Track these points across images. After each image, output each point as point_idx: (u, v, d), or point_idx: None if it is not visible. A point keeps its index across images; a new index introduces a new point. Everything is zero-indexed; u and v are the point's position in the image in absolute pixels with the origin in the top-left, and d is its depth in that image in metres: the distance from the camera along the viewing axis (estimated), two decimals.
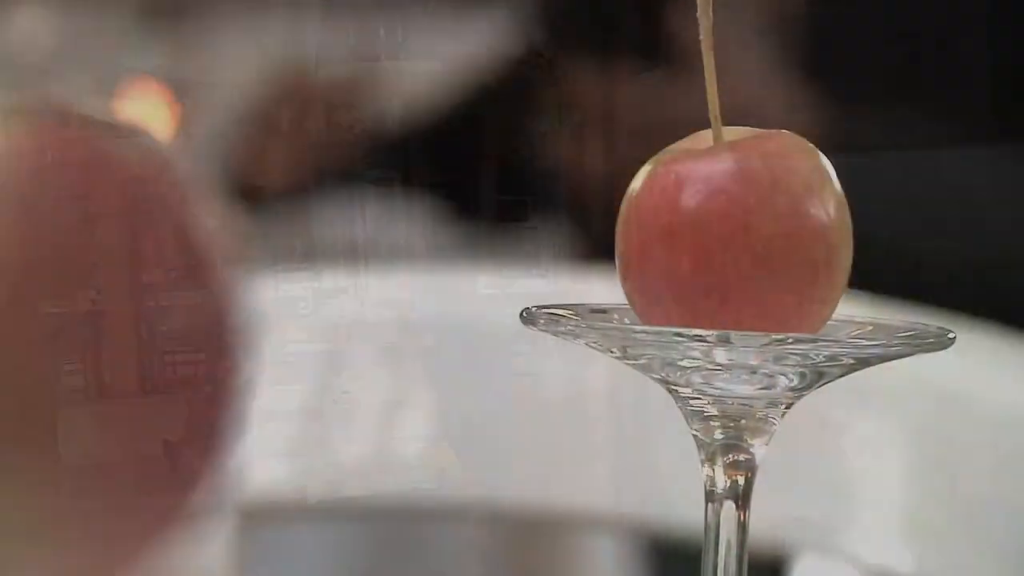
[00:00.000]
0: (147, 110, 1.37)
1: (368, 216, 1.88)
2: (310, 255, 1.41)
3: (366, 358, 1.22)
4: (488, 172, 2.41)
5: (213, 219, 0.57)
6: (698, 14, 0.80)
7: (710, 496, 0.82)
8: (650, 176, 0.79)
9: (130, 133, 0.68)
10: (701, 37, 0.80)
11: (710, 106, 0.81)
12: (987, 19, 1.93)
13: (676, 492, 1.11)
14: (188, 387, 0.62)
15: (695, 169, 0.79)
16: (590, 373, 1.16)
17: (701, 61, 0.81)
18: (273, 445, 1.16)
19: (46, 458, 0.64)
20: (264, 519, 1.23)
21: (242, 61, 2.71)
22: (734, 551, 0.82)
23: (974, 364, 1.25)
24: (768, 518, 0.91)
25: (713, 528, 0.83)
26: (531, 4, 2.48)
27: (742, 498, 0.82)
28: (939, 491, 1.21)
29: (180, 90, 2.00)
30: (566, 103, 2.23)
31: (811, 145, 0.80)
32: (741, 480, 0.82)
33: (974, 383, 1.22)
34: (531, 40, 2.53)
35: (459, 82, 2.62)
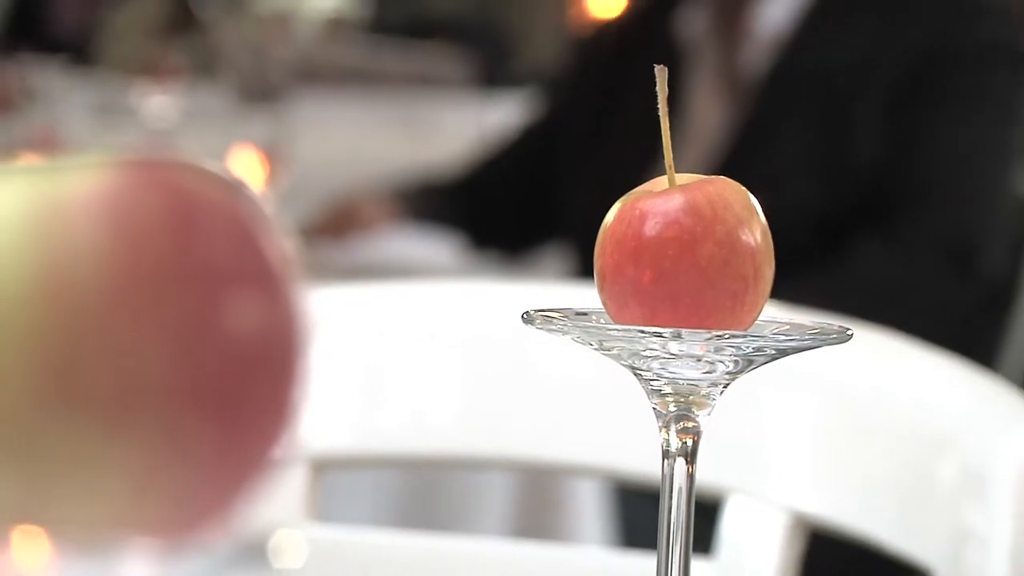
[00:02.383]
0: (245, 168, 1.36)
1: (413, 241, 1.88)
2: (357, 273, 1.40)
3: (408, 347, 1.21)
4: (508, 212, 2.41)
5: (288, 250, 0.55)
6: (657, 88, 0.81)
7: (665, 454, 0.82)
8: (620, 211, 0.81)
9: (226, 178, 0.66)
10: (659, 106, 0.82)
11: (666, 159, 0.82)
12: None
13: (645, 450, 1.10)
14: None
15: (654, 205, 0.80)
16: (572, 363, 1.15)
17: None
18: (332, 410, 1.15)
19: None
20: (325, 469, 1.22)
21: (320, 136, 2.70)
22: (684, 495, 0.82)
23: (866, 354, 1.24)
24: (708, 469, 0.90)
25: (668, 478, 0.82)
26: None
27: (690, 456, 0.82)
28: (837, 447, 1.20)
29: (271, 154, 1.99)
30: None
31: (742, 187, 0.81)
32: (690, 442, 0.82)
33: (862, 369, 1.23)
34: None
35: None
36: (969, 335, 1.96)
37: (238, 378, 0.61)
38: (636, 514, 1.92)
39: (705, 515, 0.96)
